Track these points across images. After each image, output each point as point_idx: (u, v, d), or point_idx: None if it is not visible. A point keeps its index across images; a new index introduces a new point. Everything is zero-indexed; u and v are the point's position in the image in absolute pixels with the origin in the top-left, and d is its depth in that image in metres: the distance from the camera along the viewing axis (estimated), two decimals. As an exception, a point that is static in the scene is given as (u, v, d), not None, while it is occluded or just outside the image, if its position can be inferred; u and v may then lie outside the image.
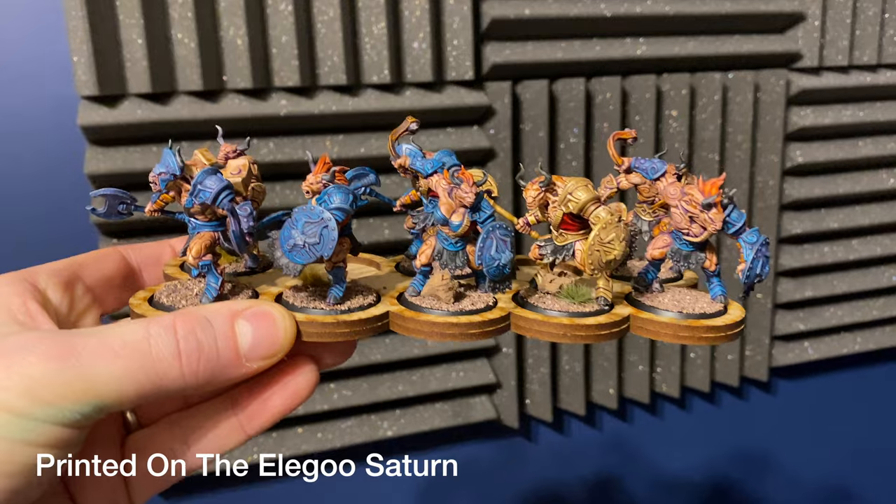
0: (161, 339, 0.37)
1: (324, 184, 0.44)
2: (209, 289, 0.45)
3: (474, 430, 1.07)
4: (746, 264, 0.45)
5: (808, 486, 1.29)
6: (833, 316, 1.19)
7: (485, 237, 0.45)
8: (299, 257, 0.43)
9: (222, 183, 0.42)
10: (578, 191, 0.45)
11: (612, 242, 0.45)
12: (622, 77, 1.00)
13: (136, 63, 0.81)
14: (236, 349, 0.39)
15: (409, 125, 0.50)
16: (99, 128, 0.81)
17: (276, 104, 0.86)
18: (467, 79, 0.92)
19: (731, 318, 0.46)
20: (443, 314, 0.45)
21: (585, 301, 0.47)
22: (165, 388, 0.37)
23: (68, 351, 0.35)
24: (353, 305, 0.45)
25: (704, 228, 0.45)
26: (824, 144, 1.12)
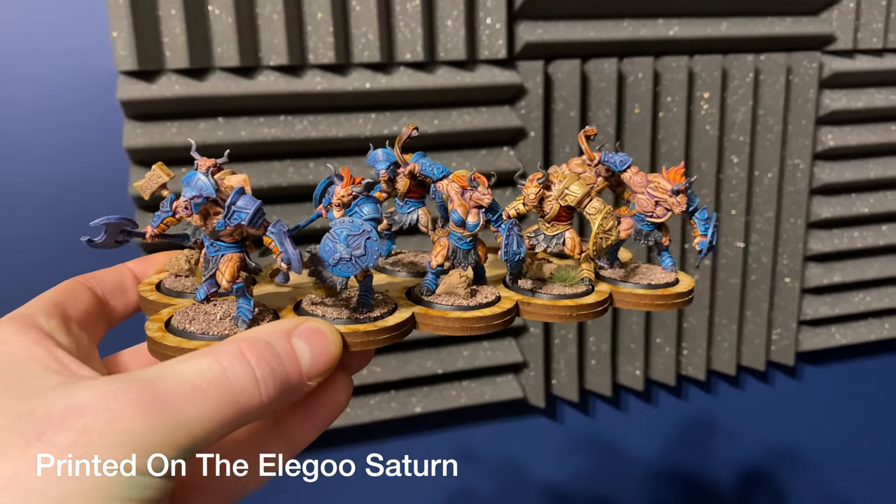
0: (238, 370, 0.36)
1: (353, 195, 0.44)
2: (243, 311, 0.43)
3: (501, 409, 1.08)
4: (708, 237, 0.53)
5: (832, 472, 1.29)
6: (861, 302, 1.18)
7: (507, 234, 0.48)
8: (345, 270, 0.42)
9: (255, 203, 0.41)
10: (574, 185, 0.51)
11: (610, 230, 0.51)
12: (654, 58, 1.00)
13: (174, 39, 0.82)
14: (300, 368, 0.39)
15: (411, 132, 0.51)
16: (137, 102, 0.82)
17: (310, 81, 0.86)
18: (499, 58, 0.92)
19: (685, 285, 0.54)
20: (467, 309, 0.48)
21: (574, 283, 0.52)
22: (246, 420, 0.36)
23: (158, 398, 0.33)
24: (384, 312, 0.46)
25: (668, 210, 0.53)
26: (856, 128, 1.11)
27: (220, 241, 0.43)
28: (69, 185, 0.87)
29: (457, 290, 0.49)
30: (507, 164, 0.95)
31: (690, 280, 0.55)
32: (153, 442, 0.32)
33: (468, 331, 0.47)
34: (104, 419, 0.31)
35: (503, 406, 1.07)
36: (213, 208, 0.42)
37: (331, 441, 1.00)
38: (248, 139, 0.86)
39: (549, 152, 0.98)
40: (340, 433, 0.99)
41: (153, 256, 0.52)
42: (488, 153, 0.96)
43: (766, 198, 1.09)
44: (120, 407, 0.32)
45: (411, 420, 1.01)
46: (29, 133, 0.85)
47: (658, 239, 0.55)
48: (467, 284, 0.49)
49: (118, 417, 0.31)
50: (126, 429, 0.31)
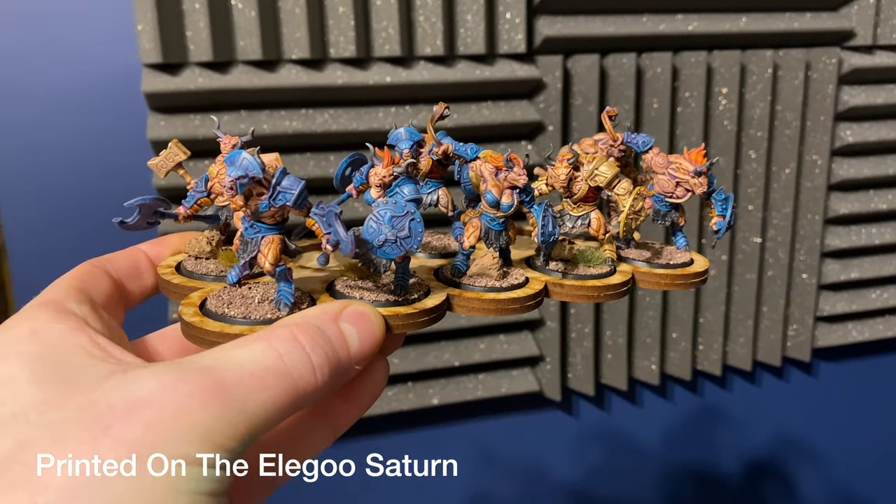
0: (294, 356, 0.35)
1: (395, 176, 0.44)
2: (284, 295, 0.42)
3: (517, 402, 1.08)
4: (726, 218, 0.53)
5: (847, 468, 1.29)
6: (878, 298, 1.18)
7: (543, 215, 0.48)
8: (391, 252, 0.42)
9: (300, 183, 0.40)
10: (603, 166, 0.51)
11: (640, 211, 0.52)
12: (673, 53, 1.00)
13: (197, 32, 0.83)
14: (349, 352, 0.38)
15: (443, 111, 0.51)
16: (161, 95, 0.83)
17: (332, 75, 0.87)
18: (519, 52, 0.92)
19: (700, 265, 0.54)
20: (501, 290, 0.48)
21: (599, 263, 0.52)
22: (302, 405, 0.35)
23: (221, 387, 0.32)
24: (420, 294, 0.46)
25: (689, 191, 0.53)
26: (875, 124, 1.10)
27: (262, 222, 0.42)
28: (94, 176, 0.89)
29: (489, 271, 0.49)
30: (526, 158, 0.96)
31: (704, 260, 0.56)
32: (218, 433, 0.31)
33: (502, 312, 0.47)
34: (171, 411, 0.31)
35: (519, 399, 1.07)
36: (256, 189, 0.40)
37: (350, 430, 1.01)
38: (269, 132, 0.87)
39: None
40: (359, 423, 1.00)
41: (166, 238, 0.50)
42: (507, 147, 0.96)
43: (783, 193, 1.09)
44: (186, 398, 0.31)
45: (428, 412, 1.02)
46: (55, 124, 0.86)
47: (675, 219, 0.56)
48: (500, 266, 0.49)
49: (185, 410, 0.31)
50: (194, 421, 0.31)
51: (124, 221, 0.43)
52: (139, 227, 0.44)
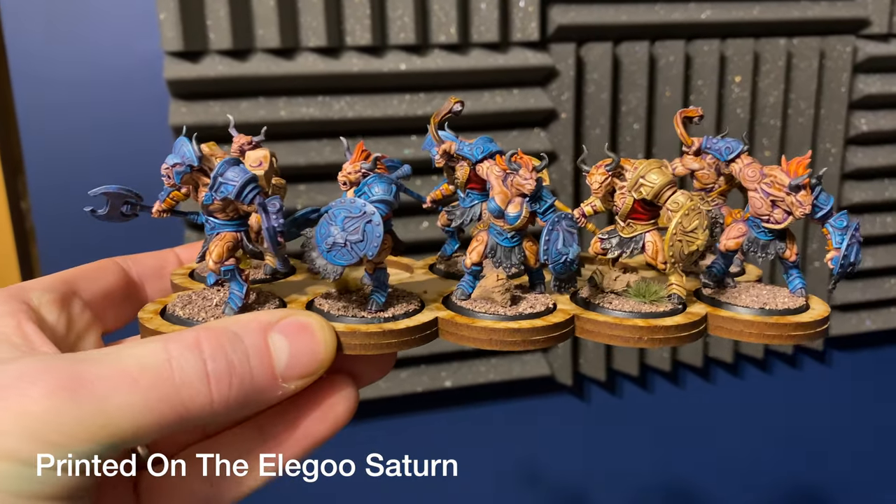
0: (185, 360, 0.31)
1: (363, 173, 0.40)
2: (233, 298, 0.39)
3: (528, 386, 1.10)
4: (841, 251, 0.40)
5: (859, 458, 1.29)
6: (893, 287, 1.18)
7: (550, 229, 0.41)
8: (340, 258, 0.37)
9: (246, 175, 0.37)
10: (652, 173, 0.41)
11: (695, 231, 0.40)
12: (686, 41, 1.01)
13: (217, 21, 0.85)
14: (272, 367, 0.34)
15: (453, 106, 0.46)
16: (182, 82, 0.86)
17: (348, 62, 0.89)
18: (532, 40, 0.94)
19: (816, 313, 0.42)
20: (501, 319, 0.40)
21: (657, 300, 0.42)
22: (192, 418, 0.31)
23: (77, 381, 0.29)
24: (398, 313, 0.40)
25: (789, 213, 0.41)
26: (890, 113, 1.10)
27: (214, 217, 0.39)
28: (117, 162, 0.91)
29: (493, 294, 0.41)
30: (539, 146, 0.97)
31: (825, 307, 0.43)
32: (58, 430, 0.28)
33: (498, 345, 0.39)
34: (11, 403, 0.28)
35: (531, 383, 1.09)
36: (202, 179, 0.38)
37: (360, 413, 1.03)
38: (287, 118, 0.89)
39: (580, 134, 1.00)
40: (372, 404, 1.02)
41: (201, 242, 0.49)
42: (520, 134, 0.98)
43: (796, 182, 1.09)
44: (27, 387, 0.28)
45: (441, 394, 1.04)
46: (81, 112, 0.89)
47: (780, 252, 0.43)
48: (506, 289, 0.41)
49: (20, 399, 0.28)
50: (27, 412, 0.28)
51: (95, 211, 0.41)
52: (112, 218, 0.42)
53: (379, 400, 1.01)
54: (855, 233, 0.41)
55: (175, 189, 0.41)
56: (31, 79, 0.87)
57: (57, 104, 0.88)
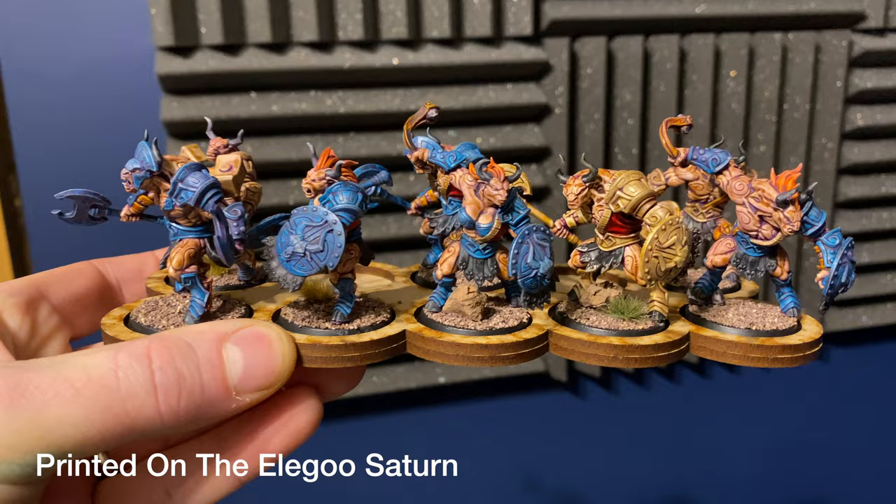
0: (132, 371, 0.31)
1: (328, 180, 0.38)
2: (193, 306, 0.38)
3: (523, 383, 1.10)
4: (830, 271, 0.38)
5: (856, 453, 1.29)
6: (889, 283, 1.17)
7: (520, 242, 0.39)
8: (300, 268, 0.36)
9: (207, 180, 0.36)
10: (630, 186, 0.39)
11: (672, 247, 0.39)
12: (680, 36, 1.00)
13: (209, 15, 0.85)
14: (224, 380, 0.33)
15: (428, 112, 0.44)
16: (174, 77, 0.85)
17: (340, 57, 0.89)
18: (526, 34, 0.93)
19: (808, 334, 0.40)
20: (469, 334, 0.39)
21: (637, 317, 0.40)
22: (140, 430, 0.31)
23: (16, 390, 0.29)
24: (364, 324, 0.39)
25: (778, 230, 0.39)
26: (886, 108, 1.10)
27: (177, 223, 0.38)
28: (108, 157, 0.91)
29: (463, 307, 0.40)
30: (533, 141, 0.97)
31: (817, 329, 0.41)
32: None
33: (464, 361, 0.38)
34: None
35: (525, 380, 1.08)
36: (163, 184, 0.38)
37: (355, 409, 1.03)
38: (279, 113, 0.88)
39: (575, 129, 0.99)
40: (364, 401, 1.02)
41: None
42: (513, 129, 0.97)
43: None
44: None
45: (435, 390, 1.03)
46: (72, 107, 0.89)
47: (770, 269, 0.41)
48: (476, 302, 0.40)
49: None
50: None
51: (63, 213, 0.41)
52: (81, 221, 0.41)
53: (373, 396, 1.01)
54: (847, 252, 0.39)
55: (143, 193, 0.40)
56: (21, 76, 0.87)
57: (48, 101, 0.88)
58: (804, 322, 0.42)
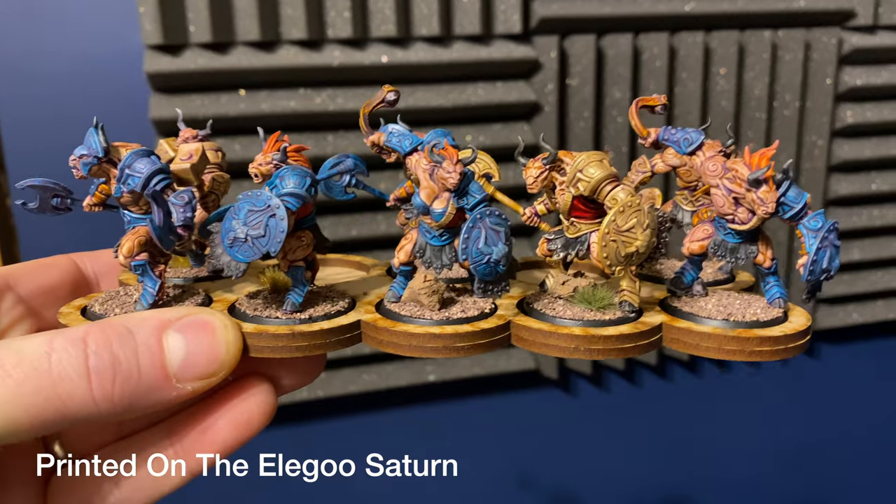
0: (66, 354, 0.30)
1: (275, 165, 0.38)
2: (145, 294, 0.38)
3: (513, 380, 1.10)
4: (809, 256, 0.36)
5: (847, 450, 1.29)
6: (880, 280, 1.18)
7: (470, 226, 0.37)
8: (241, 254, 0.35)
9: (154, 166, 0.36)
10: (590, 167, 0.37)
11: (632, 230, 0.36)
12: (670, 33, 1.00)
13: (197, 13, 0.85)
14: (164, 367, 0.32)
15: (386, 95, 0.43)
16: (163, 75, 0.85)
17: (329, 55, 0.89)
18: (515, 32, 0.93)
19: (792, 326, 0.37)
20: (424, 324, 0.37)
21: (605, 307, 0.38)
22: (72, 415, 0.30)
23: None
24: (316, 314, 0.38)
25: (753, 213, 0.36)
26: (876, 105, 1.10)
27: (128, 210, 0.38)
28: (98, 155, 0.91)
29: (420, 297, 0.39)
30: (523, 139, 0.97)
31: (804, 320, 0.39)
32: None
33: (417, 351, 0.37)
34: None
35: (516, 377, 1.09)
36: (112, 171, 0.38)
37: (343, 407, 1.03)
38: (268, 111, 0.88)
39: (564, 127, 0.99)
40: (353, 399, 1.02)
41: None
42: (503, 127, 0.97)
43: (782, 174, 1.09)
44: None
45: (425, 388, 1.03)
46: (61, 105, 0.89)
47: (751, 256, 0.38)
48: (433, 291, 0.39)
49: None
50: None
51: (26, 204, 0.41)
52: (44, 211, 0.41)
53: (361, 395, 1.01)
54: (828, 235, 0.36)
55: (103, 182, 0.40)
56: (10, 74, 0.87)
57: (37, 99, 0.88)
58: (792, 314, 0.39)
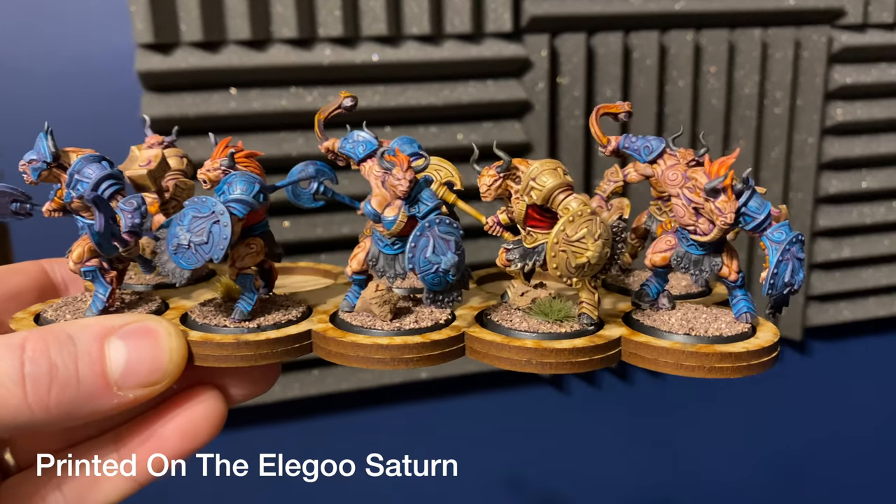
0: (1, 361, 0.30)
1: (223, 170, 0.37)
2: (95, 300, 0.38)
3: (506, 377, 1.10)
4: (770, 269, 0.35)
5: (839, 446, 1.29)
6: (871, 277, 1.18)
7: (418, 234, 0.36)
8: (185, 261, 0.35)
9: (103, 171, 0.36)
10: (543, 175, 0.36)
11: (583, 241, 0.35)
12: (660, 32, 1.01)
13: (188, 12, 0.85)
14: (104, 374, 0.32)
15: (343, 101, 0.42)
16: (154, 74, 0.86)
17: (320, 54, 0.89)
18: (506, 31, 0.94)
19: (757, 342, 0.36)
20: (375, 334, 0.37)
21: (563, 319, 0.37)
22: (6, 423, 0.30)
23: None
24: (266, 323, 0.37)
25: (714, 224, 0.35)
26: (866, 103, 1.11)
27: (80, 216, 0.38)
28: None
29: (371, 306, 0.38)
30: (514, 137, 0.97)
31: (772, 335, 0.37)
32: None
33: (365, 363, 0.36)
34: None
35: (508, 374, 1.09)
36: (62, 176, 0.37)
37: (335, 404, 1.03)
38: (259, 110, 0.89)
39: (555, 125, 1.00)
40: (345, 396, 1.02)
41: None
42: (494, 126, 0.98)
43: (773, 173, 1.09)
44: None
45: (417, 386, 1.04)
46: (53, 104, 0.89)
47: (715, 269, 0.37)
48: (384, 301, 0.38)
49: None
50: None
51: None
52: (4, 215, 0.41)
53: (354, 392, 1.01)
54: (791, 247, 0.35)
55: (60, 188, 0.40)
56: (1, 72, 0.87)
57: (28, 98, 0.88)
58: (761, 329, 0.38)
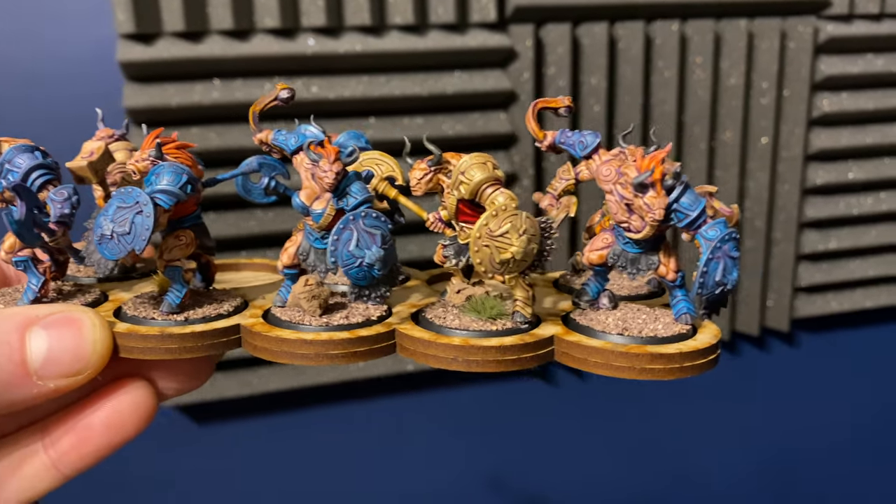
0: None
1: (151, 161, 0.37)
2: (27, 290, 0.38)
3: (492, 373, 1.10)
4: (700, 267, 0.34)
5: (826, 439, 1.30)
6: (857, 269, 1.18)
7: (341, 228, 0.36)
8: (108, 251, 0.35)
9: (34, 161, 0.36)
10: (472, 169, 0.36)
11: (506, 235, 0.34)
12: (646, 22, 1.00)
13: (170, 2, 0.84)
14: (23, 363, 0.32)
15: (279, 93, 0.42)
16: (136, 64, 0.85)
17: (303, 43, 0.89)
18: (490, 21, 0.93)
19: (694, 344, 0.35)
20: (303, 330, 0.36)
21: (496, 316, 0.37)
22: None
23: None
24: (195, 316, 0.37)
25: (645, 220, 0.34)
26: (853, 94, 1.11)
27: (12, 206, 0.37)
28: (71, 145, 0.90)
29: (300, 301, 0.37)
30: (499, 128, 0.97)
31: (712, 337, 0.37)
32: None
33: (289, 358, 0.35)
34: None
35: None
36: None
37: (322, 397, 1.03)
38: (242, 100, 0.88)
39: (541, 116, 0.99)
40: (331, 389, 1.02)
41: None
42: (480, 116, 0.97)
43: (759, 164, 1.09)
44: None
45: (403, 378, 1.03)
46: (33, 95, 0.88)
47: (652, 267, 0.37)
48: (313, 296, 0.37)
49: None
50: None
51: None
52: None
53: (339, 384, 1.01)
54: (722, 245, 0.33)
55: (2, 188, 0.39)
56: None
57: (5, 88, 0.88)
58: (702, 330, 0.37)
